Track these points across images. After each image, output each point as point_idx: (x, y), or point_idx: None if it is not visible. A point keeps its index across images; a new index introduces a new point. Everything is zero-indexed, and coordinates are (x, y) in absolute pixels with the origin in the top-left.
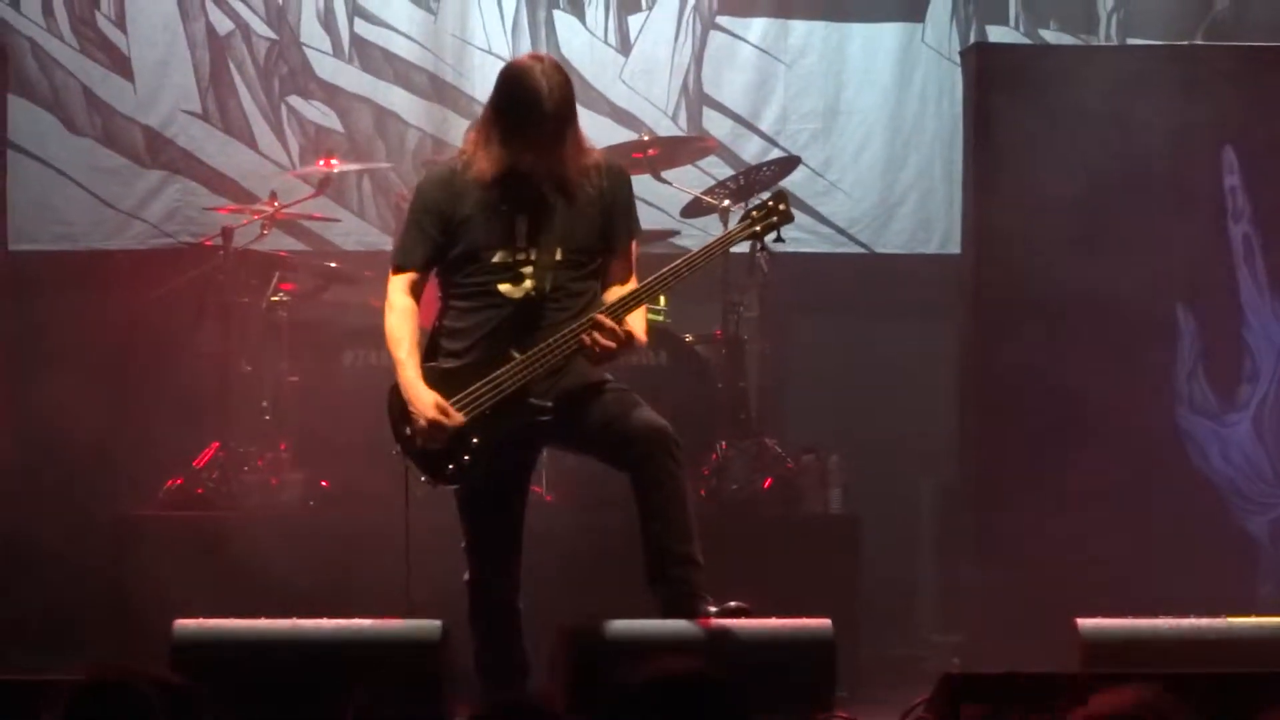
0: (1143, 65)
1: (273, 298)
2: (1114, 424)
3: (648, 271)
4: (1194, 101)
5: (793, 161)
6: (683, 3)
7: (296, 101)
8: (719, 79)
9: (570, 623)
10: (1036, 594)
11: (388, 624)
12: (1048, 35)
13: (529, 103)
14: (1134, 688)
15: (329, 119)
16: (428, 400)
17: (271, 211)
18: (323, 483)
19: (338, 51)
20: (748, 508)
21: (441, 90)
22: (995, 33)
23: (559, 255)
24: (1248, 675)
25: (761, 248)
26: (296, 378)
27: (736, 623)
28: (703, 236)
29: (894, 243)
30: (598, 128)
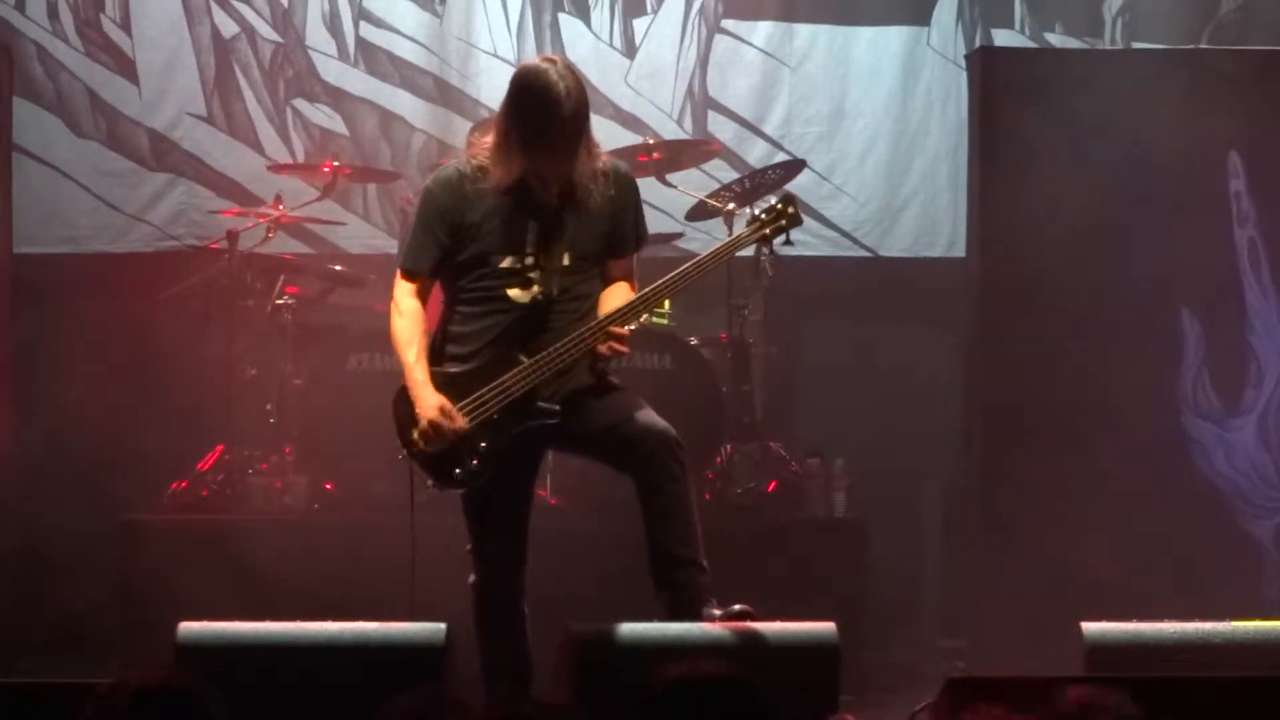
0: (1148, 69)
1: (277, 301)
2: (1119, 428)
3: (651, 275)
4: (1199, 106)
5: (798, 165)
6: (688, 6)
7: (302, 104)
8: (724, 82)
9: (575, 626)
10: (1041, 598)
11: (392, 627)
12: (1053, 39)
13: (546, 106)
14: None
15: (334, 122)
16: (431, 403)
17: (277, 215)
18: (327, 486)
19: (343, 55)
20: (752, 511)
21: (446, 93)
22: (1000, 36)
23: (566, 260)
24: (1252, 679)
25: (769, 251)
26: (301, 381)
27: (741, 626)
28: (708, 240)
29: (899, 246)
30: (603, 131)
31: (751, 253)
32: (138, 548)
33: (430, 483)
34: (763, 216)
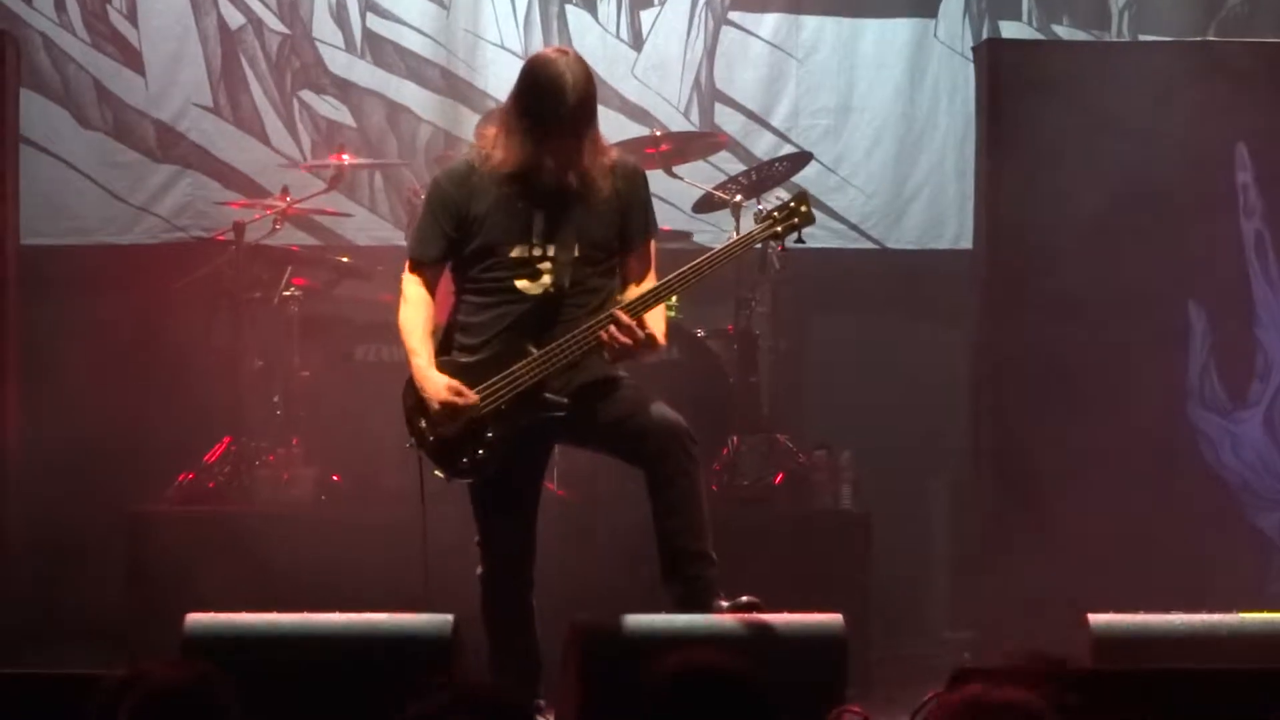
0: (1155, 61)
1: (284, 293)
2: (1125, 420)
3: (662, 270)
4: (1206, 97)
5: (804, 157)
6: None
7: (308, 96)
8: (731, 74)
9: (583, 618)
10: (1048, 589)
11: (399, 618)
12: (1060, 31)
13: (552, 96)
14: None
15: (341, 114)
16: (440, 384)
17: (283, 206)
18: (334, 477)
19: (350, 46)
20: (759, 503)
21: (454, 85)
22: (1008, 28)
23: (576, 251)
24: (1259, 671)
25: (781, 248)
26: (308, 373)
27: (748, 617)
28: (715, 232)
29: (906, 238)
30: (610, 123)
31: (760, 246)
32: (145, 539)
33: (438, 472)
34: (775, 214)
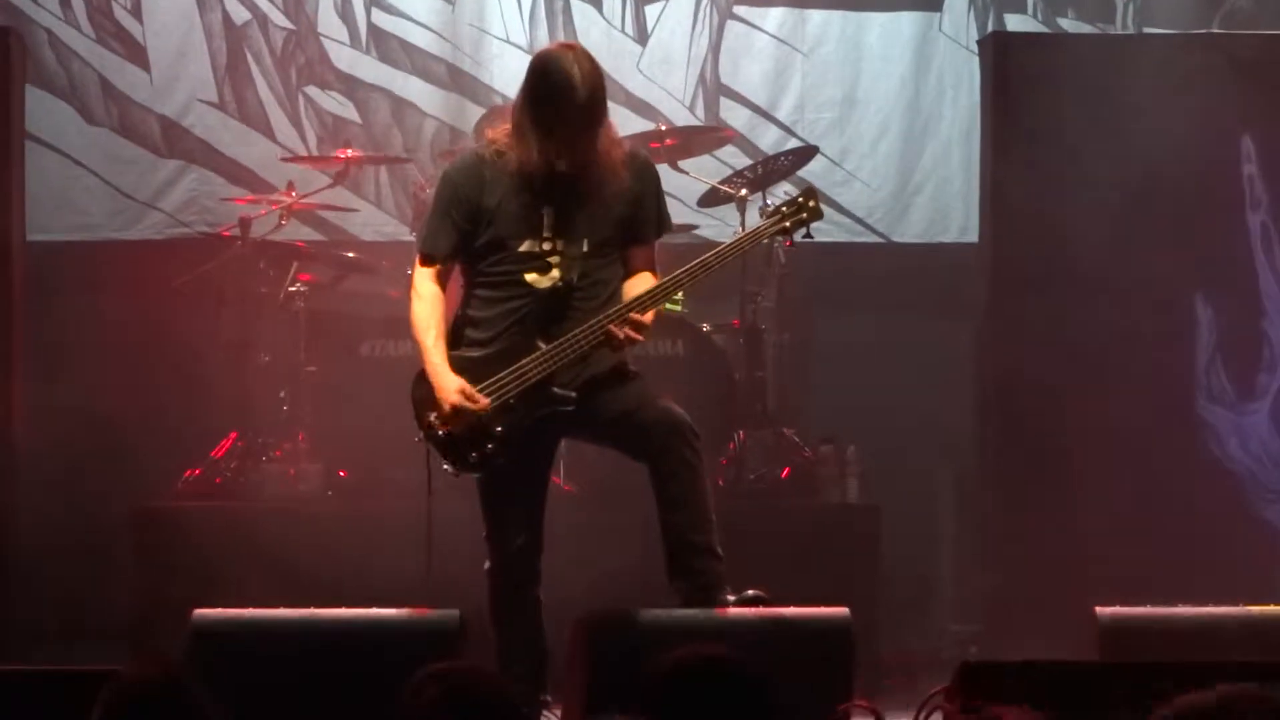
0: (1160, 54)
1: (290, 288)
2: (1132, 414)
3: (664, 265)
4: (1212, 90)
5: (810, 151)
6: None
7: (314, 92)
8: (736, 69)
9: (590, 613)
10: (1055, 583)
11: (406, 614)
12: (1065, 24)
13: (561, 91)
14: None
15: (346, 109)
16: (452, 385)
17: (289, 202)
18: (340, 473)
19: (355, 42)
20: (766, 497)
21: (459, 80)
22: (1013, 21)
23: (586, 246)
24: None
25: (789, 244)
26: (314, 368)
27: (755, 611)
28: (720, 227)
29: (911, 232)
30: (615, 118)
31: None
32: (152, 535)
33: (446, 466)
34: (784, 209)
